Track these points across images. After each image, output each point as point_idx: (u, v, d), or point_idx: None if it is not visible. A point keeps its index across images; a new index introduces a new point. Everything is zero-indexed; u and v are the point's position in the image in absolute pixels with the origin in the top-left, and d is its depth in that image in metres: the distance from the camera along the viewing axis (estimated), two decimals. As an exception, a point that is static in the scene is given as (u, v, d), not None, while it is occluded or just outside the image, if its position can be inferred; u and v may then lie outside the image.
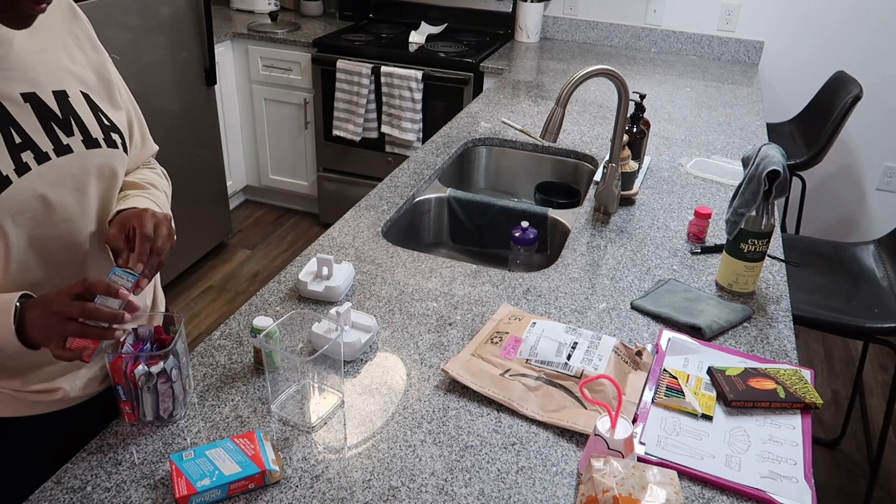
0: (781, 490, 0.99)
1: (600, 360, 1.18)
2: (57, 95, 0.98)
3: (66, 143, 0.97)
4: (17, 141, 0.92)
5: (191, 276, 3.25)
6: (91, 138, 1.00)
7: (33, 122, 0.94)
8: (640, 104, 1.83)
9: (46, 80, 0.97)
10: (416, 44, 3.26)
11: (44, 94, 0.96)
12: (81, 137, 0.99)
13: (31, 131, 0.94)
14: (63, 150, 0.96)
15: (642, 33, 3.37)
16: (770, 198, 1.39)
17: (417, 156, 2.03)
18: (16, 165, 0.91)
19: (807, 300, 1.99)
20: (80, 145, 0.99)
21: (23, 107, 0.93)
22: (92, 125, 1.01)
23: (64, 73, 1.00)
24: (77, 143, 0.98)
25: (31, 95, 0.95)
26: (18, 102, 0.93)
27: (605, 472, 0.90)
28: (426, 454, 1.03)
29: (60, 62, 1.00)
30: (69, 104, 0.99)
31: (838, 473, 2.39)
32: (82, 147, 0.99)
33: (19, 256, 0.95)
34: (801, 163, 2.67)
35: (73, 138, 0.98)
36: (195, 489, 0.90)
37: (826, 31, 3.12)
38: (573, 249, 1.59)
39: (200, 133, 3.14)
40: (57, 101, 0.97)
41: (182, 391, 1.04)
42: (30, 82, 0.95)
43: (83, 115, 1.00)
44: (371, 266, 1.49)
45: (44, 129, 0.95)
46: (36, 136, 0.94)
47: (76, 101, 1.00)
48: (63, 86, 0.99)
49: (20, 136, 0.92)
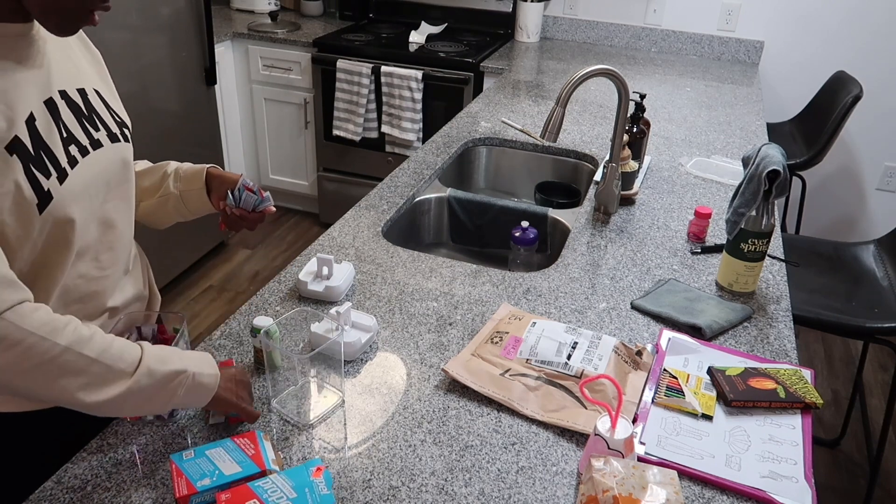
0: (781, 490, 0.99)
1: (600, 360, 1.18)
2: (80, 93, 1.02)
3: (96, 138, 1.02)
4: (64, 135, 0.96)
5: (191, 276, 3.25)
6: (112, 133, 1.05)
7: (71, 118, 0.98)
8: (641, 104, 1.83)
9: (71, 79, 1.01)
10: (416, 44, 3.26)
11: (72, 91, 1.00)
12: (106, 133, 1.04)
13: (71, 126, 0.98)
14: (96, 145, 1.01)
15: (642, 33, 3.37)
16: (770, 198, 1.39)
17: (417, 156, 2.03)
18: (68, 158, 0.95)
19: (807, 300, 1.99)
20: (106, 139, 1.04)
21: (61, 103, 0.97)
22: (109, 121, 1.06)
23: (80, 72, 1.04)
24: (104, 137, 1.03)
25: (64, 93, 0.99)
26: (58, 99, 0.97)
27: (605, 471, 0.90)
28: (426, 454, 1.03)
29: (76, 61, 1.04)
30: (89, 101, 1.03)
31: (838, 473, 2.39)
32: (108, 141, 1.04)
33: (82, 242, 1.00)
34: (801, 163, 2.67)
35: (101, 133, 1.03)
36: (195, 489, 0.90)
37: (826, 31, 3.12)
38: (573, 249, 1.59)
39: (200, 133, 3.14)
40: (81, 98, 1.02)
41: None
42: (60, 80, 0.99)
43: (101, 111, 1.05)
44: (371, 266, 1.49)
45: (79, 123, 0.99)
46: (75, 131, 0.98)
47: (93, 98, 1.04)
48: (83, 83, 1.03)
49: (66, 132, 0.96)
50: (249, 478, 0.93)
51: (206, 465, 0.93)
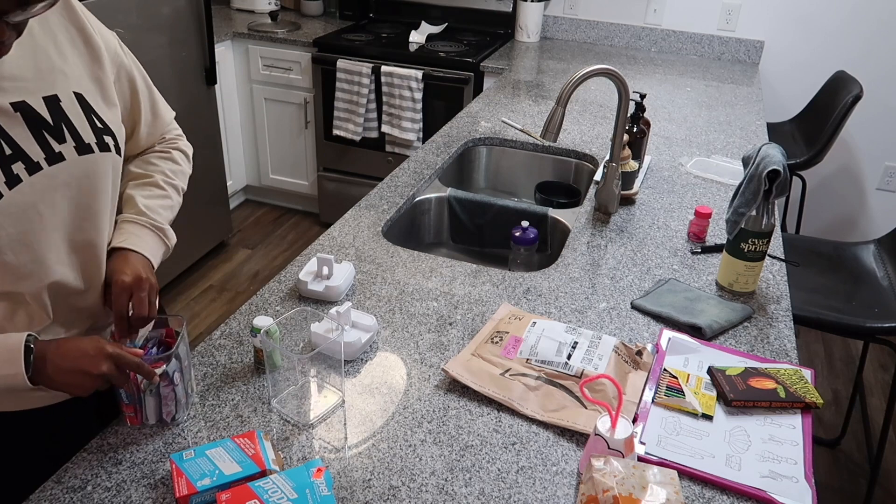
0: (781, 490, 0.99)
1: (600, 360, 1.18)
2: (48, 101, 0.96)
3: (57, 151, 0.95)
4: (7, 153, 0.90)
5: (191, 276, 3.25)
6: (84, 143, 0.98)
7: (24, 132, 0.92)
8: (641, 104, 1.83)
9: (37, 86, 0.95)
10: (416, 43, 3.26)
11: (34, 101, 0.94)
12: (74, 144, 0.97)
13: (21, 142, 0.92)
14: (55, 159, 0.95)
15: (642, 33, 3.37)
16: (770, 197, 1.39)
17: (417, 155, 2.03)
18: (6, 178, 0.90)
19: (807, 300, 1.98)
20: (73, 152, 0.97)
21: (13, 117, 0.92)
22: (84, 129, 0.99)
23: (56, 76, 0.98)
24: (69, 149, 0.97)
25: (21, 104, 0.93)
26: (8, 113, 0.91)
27: (605, 471, 0.90)
28: (426, 454, 1.03)
29: (52, 64, 0.98)
30: (61, 109, 0.97)
31: (838, 473, 2.39)
32: (74, 154, 0.97)
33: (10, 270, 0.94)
34: (801, 162, 2.67)
35: (66, 145, 0.96)
36: (195, 489, 0.90)
37: (826, 30, 3.12)
38: (573, 249, 1.59)
39: (200, 133, 3.13)
40: (48, 108, 0.96)
41: (185, 394, 1.04)
42: (20, 90, 0.93)
43: (75, 119, 0.98)
44: (371, 266, 1.49)
45: (35, 138, 0.93)
46: (27, 146, 0.92)
47: (68, 104, 0.98)
48: (54, 90, 0.97)
49: (10, 148, 0.91)
50: (249, 478, 0.93)
51: (206, 465, 0.93)
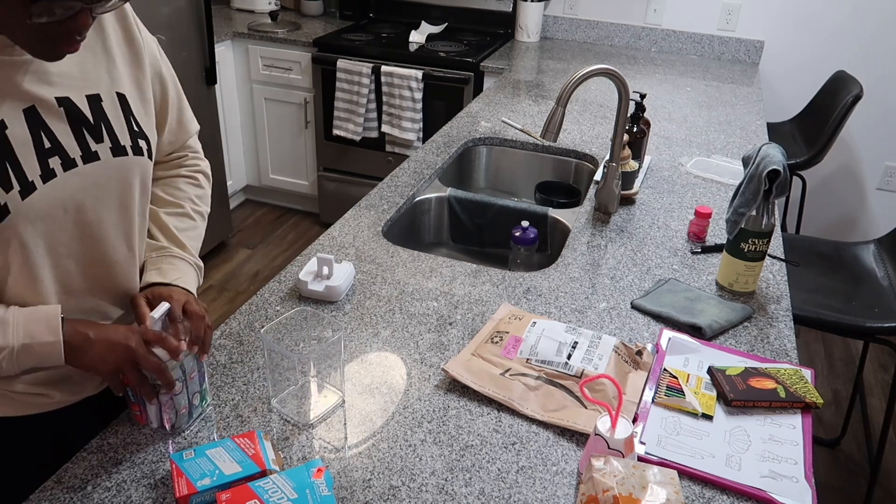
0: (782, 489, 0.99)
1: (600, 360, 1.18)
2: (90, 99, 0.97)
3: (94, 150, 0.96)
4: (46, 146, 0.91)
5: (191, 276, 3.25)
6: (119, 145, 0.99)
7: (64, 128, 0.93)
8: (641, 104, 1.83)
9: (81, 84, 0.96)
10: (416, 43, 3.26)
11: (77, 98, 0.95)
12: (110, 144, 0.98)
13: (61, 136, 0.93)
14: (90, 157, 0.96)
15: (642, 33, 3.37)
16: (770, 197, 1.39)
17: (418, 155, 2.03)
18: (42, 171, 0.90)
19: (807, 300, 1.98)
20: (108, 152, 0.98)
21: (56, 111, 0.92)
22: (122, 131, 1.00)
23: (100, 76, 0.99)
24: (105, 150, 0.97)
25: (65, 100, 0.94)
26: (52, 107, 0.92)
27: (605, 471, 0.90)
28: (426, 454, 1.03)
29: (98, 62, 0.99)
30: (102, 109, 0.98)
31: (838, 473, 2.39)
32: (109, 154, 0.98)
33: (37, 268, 0.94)
34: (801, 162, 2.67)
35: (102, 145, 0.97)
36: (195, 489, 0.90)
37: (826, 30, 3.12)
38: (573, 249, 1.59)
39: (200, 132, 3.11)
40: (90, 106, 0.96)
41: (187, 405, 1.04)
42: (65, 86, 0.94)
43: (114, 120, 0.99)
44: (371, 265, 1.49)
45: (74, 134, 0.94)
46: (65, 142, 0.93)
47: (109, 105, 0.99)
48: (97, 89, 0.98)
49: (50, 141, 0.92)
50: (250, 477, 0.93)
51: (206, 465, 0.93)
